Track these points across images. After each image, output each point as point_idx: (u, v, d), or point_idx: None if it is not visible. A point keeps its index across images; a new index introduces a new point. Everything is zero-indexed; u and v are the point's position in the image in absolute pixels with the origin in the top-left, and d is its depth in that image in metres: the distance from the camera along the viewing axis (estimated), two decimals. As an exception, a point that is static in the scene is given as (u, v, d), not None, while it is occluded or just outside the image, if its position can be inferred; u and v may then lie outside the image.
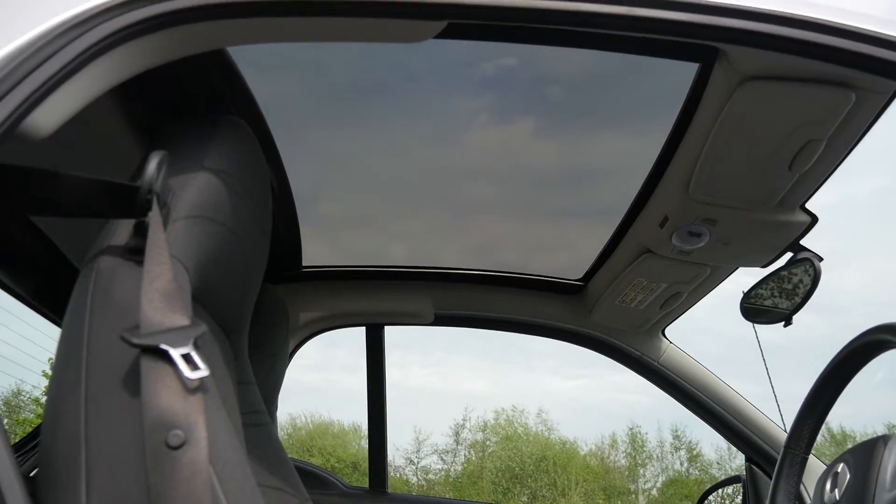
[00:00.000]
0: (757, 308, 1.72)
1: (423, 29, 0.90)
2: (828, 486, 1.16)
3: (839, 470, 1.14)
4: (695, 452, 14.42)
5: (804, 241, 1.53)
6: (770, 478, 1.60)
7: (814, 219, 1.46)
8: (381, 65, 1.41)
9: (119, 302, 0.69)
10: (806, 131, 1.18)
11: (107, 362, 0.66)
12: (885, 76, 0.90)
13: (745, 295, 1.72)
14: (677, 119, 1.34)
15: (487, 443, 14.40)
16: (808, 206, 1.43)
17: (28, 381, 11.84)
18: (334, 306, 2.11)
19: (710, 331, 16.31)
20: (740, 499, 2.00)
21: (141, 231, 0.72)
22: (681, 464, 14.58)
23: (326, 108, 1.55)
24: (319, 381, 17.20)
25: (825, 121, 1.15)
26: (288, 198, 1.69)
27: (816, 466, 1.69)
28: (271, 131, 1.43)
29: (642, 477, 14.44)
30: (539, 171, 1.75)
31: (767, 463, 1.91)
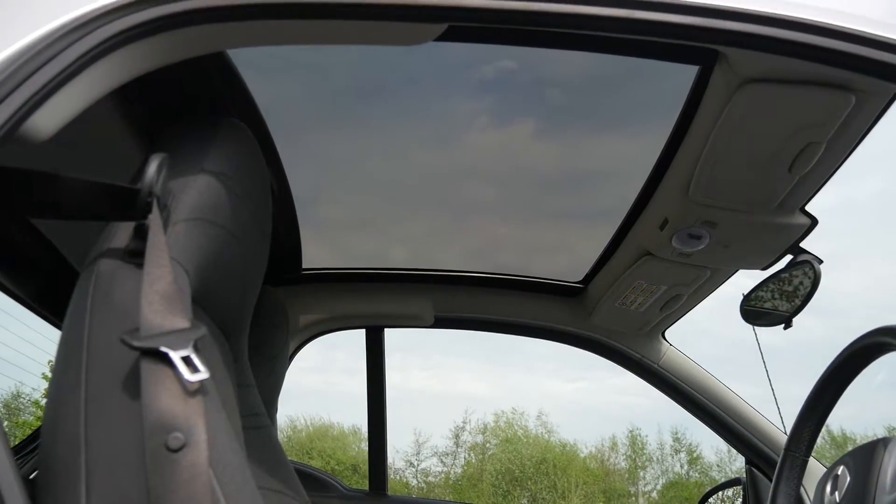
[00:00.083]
0: (757, 310, 1.71)
1: (423, 32, 0.90)
2: (828, 488, 1.16)
3: (839, 472, 1.14)
4: (695, 455, 14.42)
5: (804, 243, 1.53)
6: (770, 480, 1.60)
7: (814, 221, 1.46)
8: (381, 67, 1.41)
9: (119, 304, 0.69)
10: (806, 134, 1.18)
11: (107, 365, 0.66)
12: (884, 79, 0.90)
13: (745, 297, 1.72)
14: (677, 121, 1.34)
15: (487, 445, 14.39)
16: (808, 208, 1.43)
17: (28, 383, 11.87)
18: (334, 309, 2.10)
19: (711, 333, 16.30)
20: (740, 501, 2.00)
21: (141, 234, 0.72)
22: (681, 466, 14.58)
23: (327, 111, 1.55)
24: (319, 383, 17.22)
25: (825, 123, 1.15)
26: (288, 200, 1.69)
27: (817, 469, 1.69)
28: (271, 133, 1.44)
29: (642, 479, 14.44)
30: (539, 173, 1.75)
31: (768, 465, 1.91)
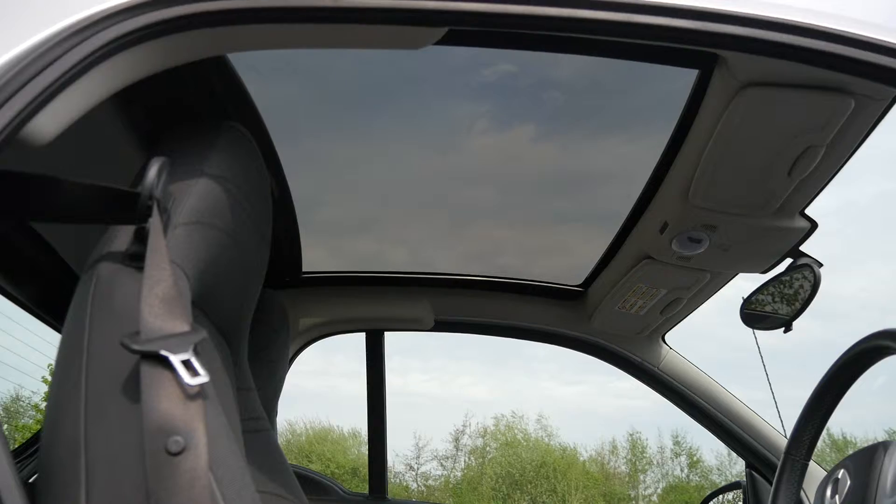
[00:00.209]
0: (757, 314, 1.71)
1: (423, 35, 0.90)
2: (828, 492, 1.16)
3: (840, 476, 1.14)
4: (695, 458, 14.39)
5: (804, 246, 1.53)
6: (770, 484, 1.60)
7: (813, 224, 1.46)
8: (381, 71, 1.41)
9: (119, 308, 0.69)
10: (805, 137, 1.18)
11: (107, 368, 0.66)
12: (884, 83, 0.90)
13: (745, 301, 1.72)
14: (677, 125, 1.34)
15: (487, 448, 14.37)
16: (808, 211, 1.43)
17: (28, 386, 11.83)
18: (334, 312, 2.10)
19: (711, 336, 16.29)
20: (741, 505, 1.99)
21: (141, 237, 0.72)
22: (681, 470, 14.55)
23: (327, 115, 1.55)
24: (319, 386, 17.20)
25: (824, 127, 1.15)
26: (288, 203, 1.69)
27: (817, 472, 1.69)
28: (271, 137, 1.44)
29: (642, 483, 14.40)
30: (539, 176, 1.75)
31: (768, 469, 1.91)
